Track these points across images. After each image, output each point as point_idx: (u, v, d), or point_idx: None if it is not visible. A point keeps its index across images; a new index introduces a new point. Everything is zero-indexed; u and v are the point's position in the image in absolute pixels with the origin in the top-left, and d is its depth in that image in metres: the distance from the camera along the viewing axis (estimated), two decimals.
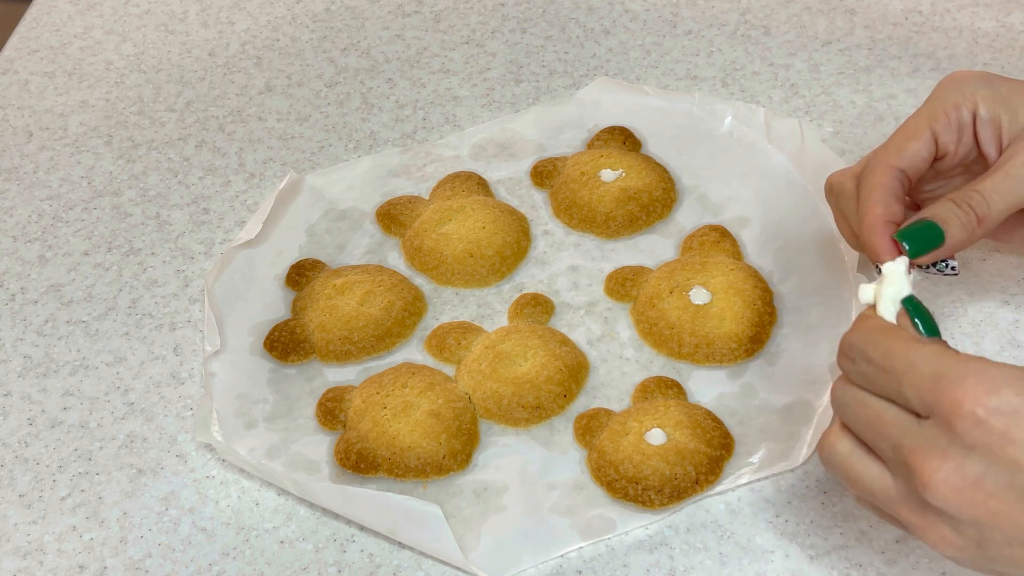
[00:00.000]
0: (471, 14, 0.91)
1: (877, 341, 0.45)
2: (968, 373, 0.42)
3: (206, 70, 0.89)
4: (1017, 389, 0.41)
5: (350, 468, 0.60)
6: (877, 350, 0.45)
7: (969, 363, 0.43)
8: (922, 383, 0.43)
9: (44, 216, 0.78)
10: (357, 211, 0.75)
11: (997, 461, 0.41)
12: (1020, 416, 0.41)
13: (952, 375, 0.42)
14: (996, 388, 0.41)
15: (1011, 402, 0.41)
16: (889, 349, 0.45)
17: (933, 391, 0.43)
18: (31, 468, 0.63)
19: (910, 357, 0.44)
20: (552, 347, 0.65)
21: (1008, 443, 0.41)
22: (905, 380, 0.44)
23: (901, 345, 0.45)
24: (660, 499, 0.58)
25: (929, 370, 0.43)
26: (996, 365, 0.42)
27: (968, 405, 0.41)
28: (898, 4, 0.89)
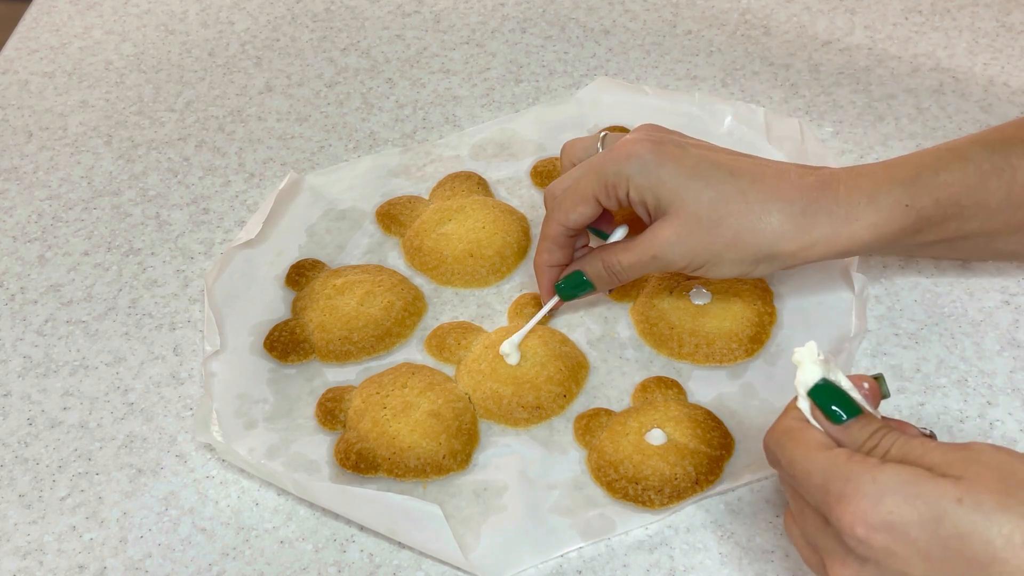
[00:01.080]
0: (471, 14, 0.91)
1: (782, 445, 0.47)
2: (848, 489, 0.43)
3: (206, 70, 0.88)
4: (891, 506, 0.42)
5: (350, 468, 0.60)
6: (783, 455, 0.47)
7: (851, 475, 0.44)
8: (815, 493, 0.45)
9: (44, 216, 0.78)
10: (357, 211, 0.75)
11: (887, 571, 0.43)
12: (896, 531, 0.42)
13: (835, 491, 0.44)
14: (873, 504, 0.42)
15: (886, 519, 0.42)
16: (791, 456, 0.47)
17: (823, 504, 0.44)
18: (31, 468, 0.63)
19: (805, 467, 0.46)
20: (552, 347, 0.65)
21: (891, 557, 0.42)
22: (804, 488, 0.46)
23: (800, 452, 0.46)
24: (660, 499, 0.58)
25: (819, 481, 0.45)
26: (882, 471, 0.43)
27: (848, 524, 0.43)
28: (897, 4, 0.89)
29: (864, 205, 0.58)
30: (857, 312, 0.65)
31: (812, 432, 0.47)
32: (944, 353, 0.64)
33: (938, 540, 0.41)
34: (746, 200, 0.58)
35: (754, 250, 0.59)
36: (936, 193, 0.58)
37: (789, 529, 0.49)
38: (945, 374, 0.63)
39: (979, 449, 0.43)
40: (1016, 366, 0.63)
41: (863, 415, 0.47)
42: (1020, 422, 0.60)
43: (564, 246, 0.64)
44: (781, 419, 0.49)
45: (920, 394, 0.62)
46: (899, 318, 0.66)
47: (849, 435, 0.47)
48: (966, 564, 0.41)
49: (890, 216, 0.58)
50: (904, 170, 0.59)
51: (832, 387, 0.48)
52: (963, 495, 0.41)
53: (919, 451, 0.44)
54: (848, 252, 0.59)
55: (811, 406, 0.48)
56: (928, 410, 0.61)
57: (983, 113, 0.78)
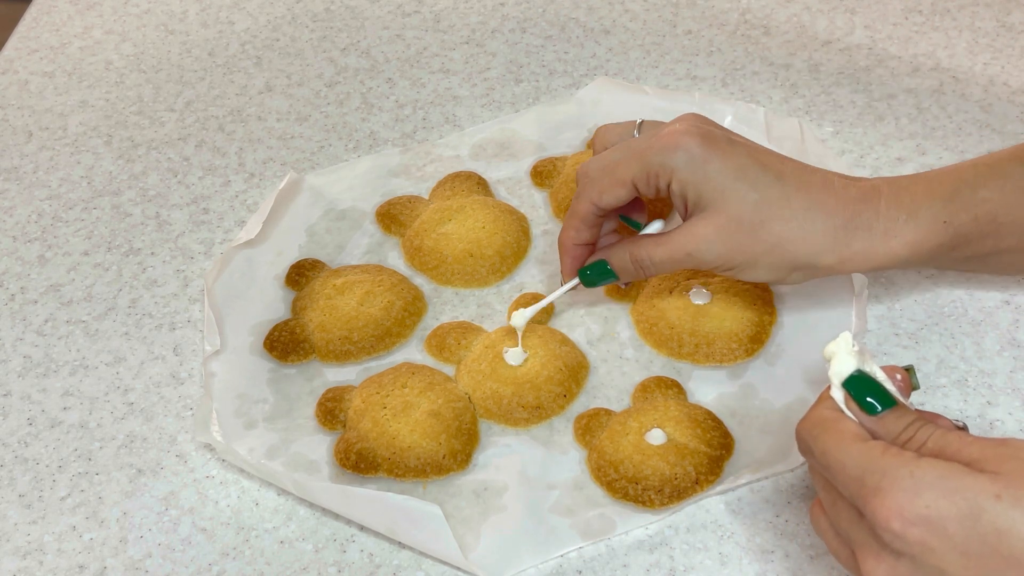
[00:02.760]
0: (471, 14, 0.91)
1: (816, 436, 0.47)
2: (885, 482, 0.43)
3: (206, 70, 0.88)
4: (929, 500, 0.42)
5: (350, 468, 0.60)
6: (816, 446, 0.47)
7: (888, 468, 0.43)
8: (850, 486, 0.45)
9: (44, 216, 0.78)
10: (357, 211, 0.75)
11: (922, 566, 0.43)
12: (934, 525, 0.42)
13: (871, 483, 0.44)
14: (911, 499, 0.42)
15: (923, 513, 0.42)
16: (825, 446, 0.46)
17: (858, 496, 0.44)
18: (31, 468, 0.63)
19: (840, 458, 0.45)
20: (552, 347, 0.65)
21: (928, 552, 0.42)
22: (838, 480, 0.46)
23: (834, 443, 0.46)
24: (660, 499, 0.58)
25: (854, 473, 0.45)
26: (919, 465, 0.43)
27: (883, 517, 0.43)
28: (898, 4, 0.89)
29: (903, 221, 0.58)
30: (857, 312, 0.65)
31: (847, 423, 0.47)
32: (944, 353, 0.64)
33: (976, 536, 0.41)
34: (790, 207, 0.58)
35: (791, 258, 0.58)
36: (975, 210, 0.58)
37: (817, 521, 0.48)
38: (945, 374, 0.63)
39: (1017, 445, 0.43)
40: (1016, 366, 0.63)
41: (898, 406, 0.47)
42: (1020, 422, 0.60)
43: (592, 226, 0.62)
44: (815, 409, 0.48)
45: (920, 394, 0.62)
46: (899, 318, 0.66)
47: (884, 426, 0.46)
48: (1003, 561, 0.41)
49: (928, 233, 0.58)
50: (944, 186, 0.59)
51: (867, 378, 0.47)
52: (1002, 491, 0.41)
53: (956, 445, 0.44)
54: (884, 267, 0.59)
55: (845, 397, 0.48)
56: (928, 410, 0.61)
57: (983, 113, 0.78)
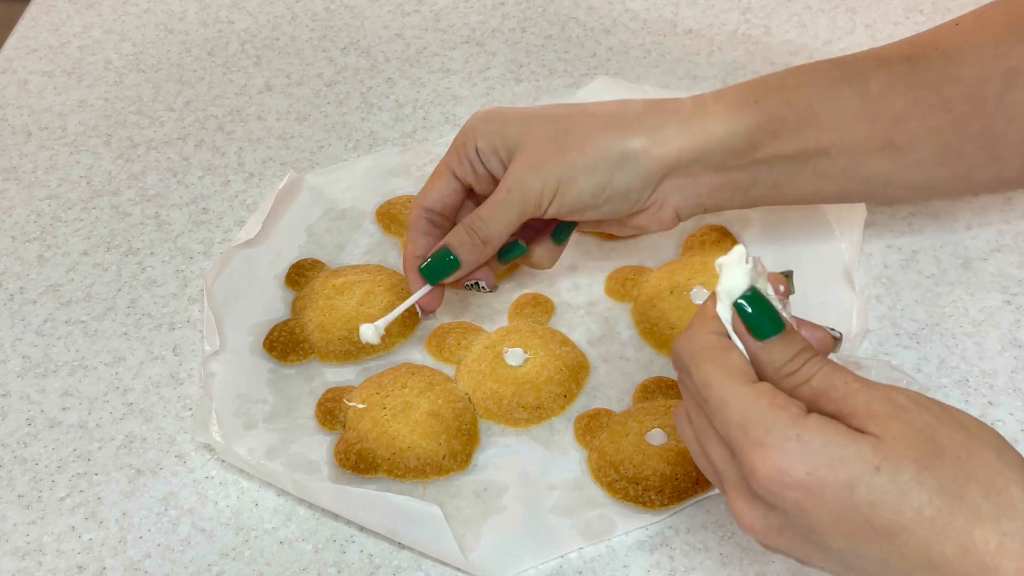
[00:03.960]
0: (471, 13, 0.91)
1: (699, 364, 0.45)
2: (769, 439, 0.42)
3: (205, 69, 0.88)
4: (810, 466, 0.41)
5: (350, 468, 0.60)
6: (698, 373, 0.45)
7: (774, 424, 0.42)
8: (729, 428, 0.43)
9: (43, 216, 0.78)
10: (357, 211, 0.75)
11: (794, 524, 0.42)
12: (811, 491, 0.41)
13: (754, 435, 0.42)
14: (792, 462, 0.41)
15: (802, 479, 0.41)
16: (708, 378, 0.44)
17: (736, 442, 0.43)
18: (30, 468, 0.63)
19: (723, 395, 0.43)
20: (552, 347, 0.64)
21: (801, 512, 0.42)
22: (716, 417, 0.44)
23: (719, 378, 0.44)
24: (660, 499, 0.58)
25: (736, 418, 0.43)
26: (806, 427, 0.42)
27: (763, 475, 0.42)
28: (899, 3, 0.88)
29: (711, 102, 0.58)
30: (858, 312, 0.65)
31: (733, 355, 0.45)
32: (945, 353, 0.64)
33: (850, 505, 0.41)
34: (587, 111, 0.59)
35: (604, 151, 0.58)
36: (785, 93, 0.58)
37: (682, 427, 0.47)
38: (946, 374, 0.63)
39: (902, 405, 0.42)
40: (1017, 366, 0.63)
41: (786, 331, 0.45)
42: (1021, 422, 0.60)
43: (428, 233, 0.62)
44: (698, 328, 0.46)
45: None
46: (900, 318, 0.66)
47: (770, 354, 0.45)
48: (874, 531, 0.41)
49: (740, 110, 0.57)
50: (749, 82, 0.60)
51: (761, 298, 0.45)
52: (881, 462, 0.41)
53: (842, 389, 0.43)
54: (705, 150, 0.58)
55: (733, 316, 0.45)
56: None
57: None
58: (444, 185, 0.61)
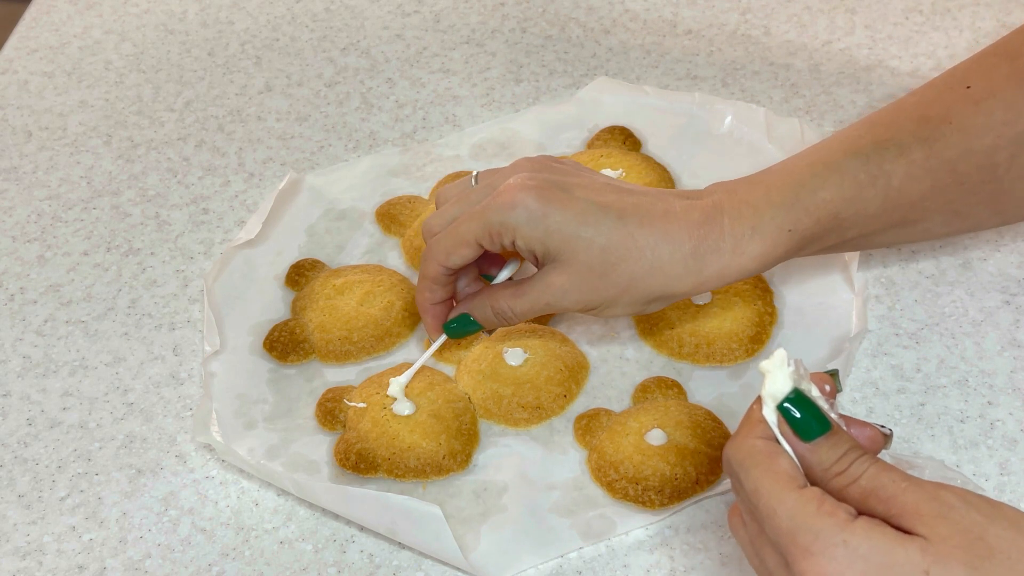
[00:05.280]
0: (471, 14, 0.91)
1: (748, 471, 0.45)
2: (817, 546, 0.42)
3: (205, 70, 0.88)
4: (860, 570, 0.41)
5: (350, 468, 0.60)
6: (748, 480, 0.45)
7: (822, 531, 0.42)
8: (779, 535, 0.43)
9: (43, 216, 0.78)
10: (357, 211, 0.75)
11: None
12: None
13: (802, 543, 0.42)
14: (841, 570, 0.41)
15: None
16: (757, 485, 0.44)
17: (786, 550, 0.43)
18: (30, 468, 0.63)
19: (772, 503, 0.44)
20: (552, 347, 0.64)
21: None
22: (767, 524, 0.44)
23: (767, 484, 0.44)
24: (660, 499, 0.58)
25: (786, 524, 0.43)
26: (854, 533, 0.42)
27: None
28: (898, 4, 0.88)
29: (748, 237, 0.58)
30: (858, 312, 0.65)
31: (781, 461, 0.45)
32: (945, 353, 0.64)
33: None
34: (637, 246, 0.58)
35: (647, 293, 0.58)
36: (816, 213, 0.59)
37: (737, 530, 0.47)
38: (946, 374, 0.63)
39: (949, 503, 0.42)
40: (1017, 366, 0.63)
41: (833, 432, 0.45)
42: (1021, 422, 0.60)
43: (445, 284, 0.62)
44: (745, 434, 0.46)
45: (921, 394, 0.62)
46: (900, 318, 0.66)
47: (817, 455, 0.45)
48: None
49: (775, 243, 0.58)
50: (783, 193, 0.59)
51: (805, 400, 0.45)
52: (931, 566, 0.40)
53: (890, 489, 0.43)
54: (738, 279, 0.59)
55: (779, 419, 0.45)
56: (929, 410, 0.61)
57: None
58: (469, 253, 0.60)
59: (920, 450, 0.59)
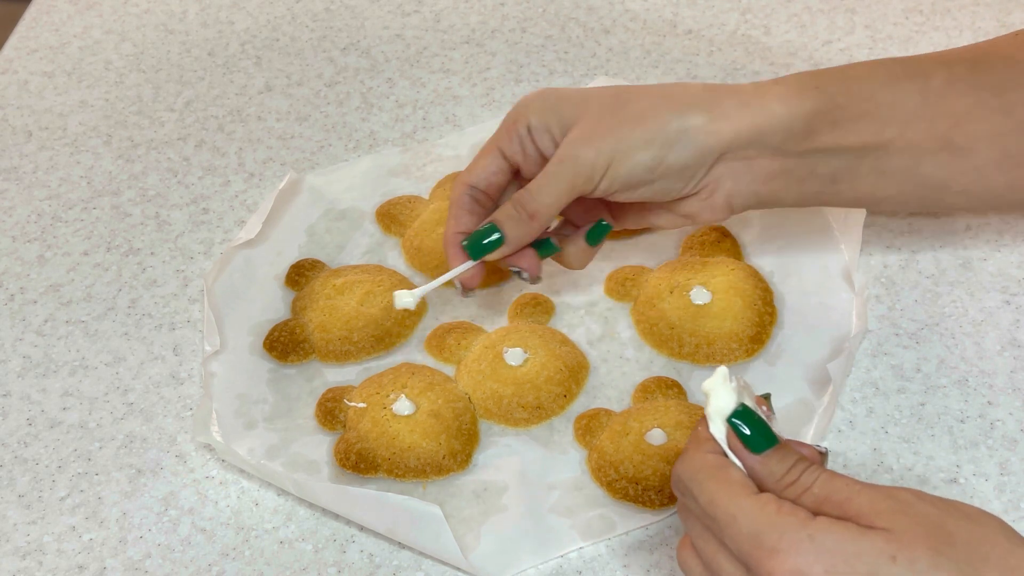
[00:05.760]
0: (471, 14, 0.91)
1: (702, 483, 0.45)
2: (782, 543, 0.42)
3: (205, 70, 0.88)
4: (827, 564, 0.41)
5: (350, 468, 0.60)
6: (702, 493, 0.45)
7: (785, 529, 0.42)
8: (740, 541, 0.43)
9: (43, 216, 0.78)
10: (357, 211, 0.75)
11: None
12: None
13: (767, 543, 0.42)
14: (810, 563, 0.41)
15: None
16: (712, 496, 0.45)
17: (751, 555, 0.43)
18: (30, 468, 0.63)
19: (730, 510, 0.44)
20: (552, 347, 0.64)
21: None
22: (726, 533, 0.44)
23: (723, 494, 0.44)
24: (660, 499, 0.58)
25: (747, 529, 0.43)
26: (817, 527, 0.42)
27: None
28: (898, 4, 0.89)
29: (771, 85, 0.58)
30: (858, 312, 0.65)
31: (733, 471, 0.45)
32: (945, 353, 0.64)
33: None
34: (648, 91, 0.57)
35: (661, 125, 0.56)
36: (847, 83, 0.57)
37: (688, 563, 0.47)
38: (946, 374, 0.63)
39: (905, 500, 0.43)
40: (1017, 366, 0.63)
41: (780, 445, 0.46)
42: (1020, 422, 0.60)
43: (472, 211, 0.59)
44: (694, 451, 0.47)
45: (921, 394, 0.62)
46: (900, 318, 0.66)
47: (768, 467, 0.45)
48: None
49: (800, 94, 0.57)
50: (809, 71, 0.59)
51: (752, 414, 0.46)
52: (896, 552, 0.41)
53: (844, 492, 0.43)
54: (764, 130, 0.57)
55: (728, 434, 0.46)
56: (929, 410, 0.61)
57: None
58: (490, 163, 0.58)
59: (920, 450, 0.59)
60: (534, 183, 0.58)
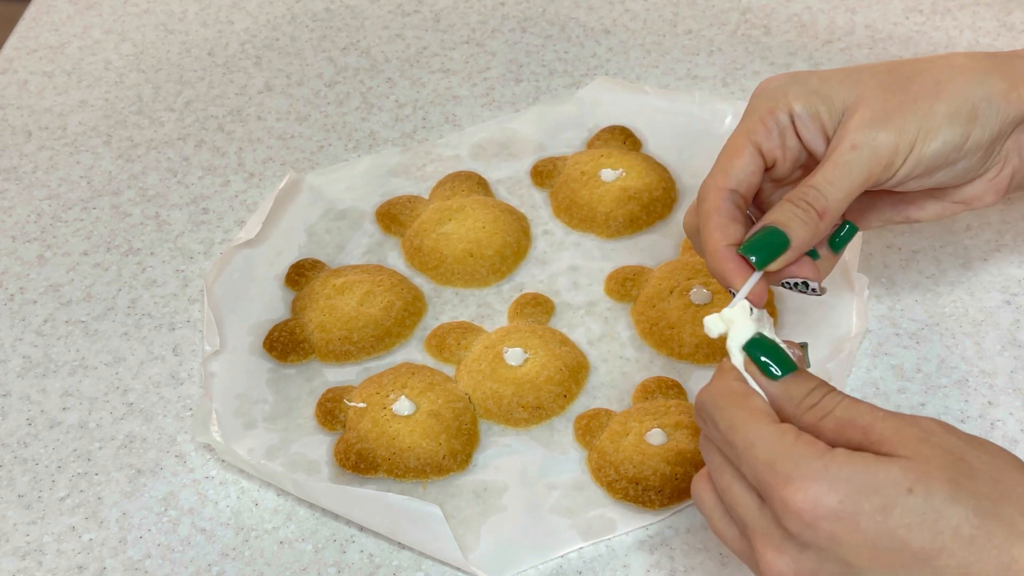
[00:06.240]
0: (471, 13, 0.91)
1: (723, 408, 0.45)
2: (798, 471, 0.41)
3: (205, 69, 0.88)
4: (842, 494, 0.41)
5: (350, 468, 0.60)
6: (723, 419, 0.45)
7: (802, 457, 0.42)
8: (757, 468, 0.43)
9: (43, 216, 0.78)
10: (357, 211, 0.75)
11: (828, 559, 0.42)
12: (846, 520, 0.41)
13: (783, 470, 0.42)
14: (824, 492, 0.41)
15: (836, 508, 0.41)
16: (732, 421, 0.44)
17: (765, 483, 0.42)
18: (30, 468, 0.63)
19: (749, 436, 0.43)
20: (552, 347, 0.64)
21: (836, 545, 0.41)
22: (744, 459, 0.44)
23: (743, 419, 0.44)
24: (660, 499, 0.58)
25: (764, 456, 0.43)
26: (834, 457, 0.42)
27: (795, 508, 0.41)
28: (898, 4, 0.88)
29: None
30: (858, 312, 0.65)
31: (756, 399, 0.45)
32: (945, 353, 0.64)
33: (886, 531, 0.40)
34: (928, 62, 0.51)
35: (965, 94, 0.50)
36: None
37: (701, 495, 0.46)
38: (946, 374, 0.63)
39: (929, 428, 0.42)
40: (1017, 366, 0.63)
41: (799, 372, 0.45)
42: (1021, 422, 0.60)
43: (735, 218, 0.51)
44: (719, 379, 0.46)
45: (921, 394, 0.62)
46: (900, 318, 0.66)
47: (788, 392, 0.45)
48: (912, 556, 0.40)
49: None
50: None
51: (767, 342, 0.46)
52: (914, 484, 0.40)
53: (868, 418, 0.43)
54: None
55: (746, 361, 0.46)
56: (929, 410, 0.61)
57: None
58: (748, 163, 0.51)
59: None
60: (821, 176, 0.50)
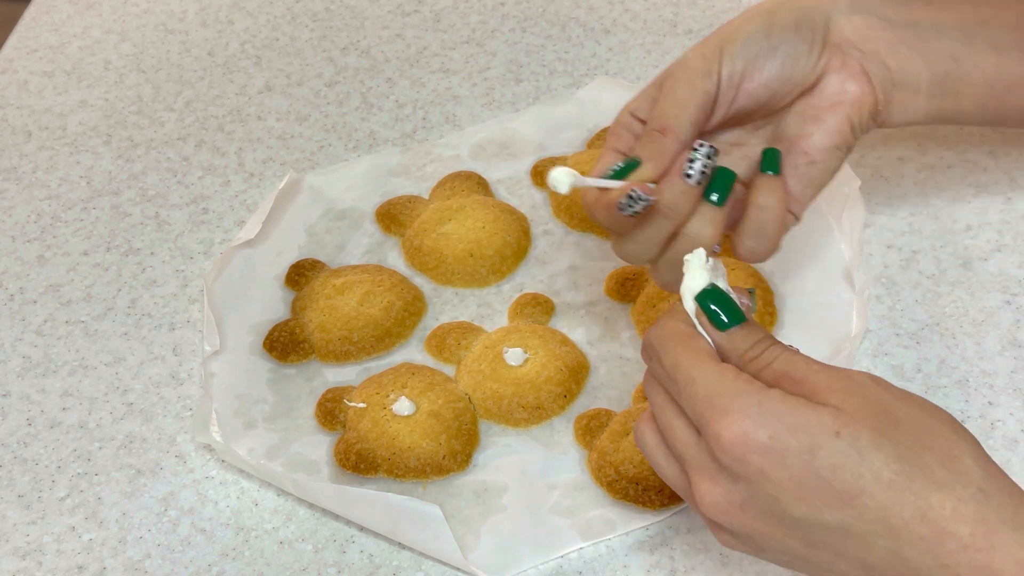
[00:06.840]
0: (471, 13, 0.91)
1: (669, 347, 0.47)
2: (733, 406, 0.44)
3: (205, 69, 0.88)
4: (772, 431, 0.43)
5: (350, 468, 0.60)
6: (668, 357, 0.47)
7: (738, 394, 0.44)
8: (695, 402, 0.45)
9: (43, 216, 0.78)
10: (357, 211, 0.75)
11: (757, 493, 0.43)
12: (774, 455, 0.43)
13: (719, 404, 0.44)
14: (755, 427, 0.43)
15: (765, 443, 0.43)
16: (676, 359, 0.47)
17: (702, 416, 0.45)
18: (30, 468, 0.63)
19: (691, 372, 0.46)
20: (552, 347, 0.64)
21: (764, 480, 0.43)
22: (684, 394, 0.46)
23: (687, 357, 0.46)
24: (661, 499, 0.58)
25: (703, 391, 0.45)
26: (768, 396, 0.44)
27: (727, 441, 0.43)
28: None
29: None
30: (858, 312, 0.65)
31: (700, 340, 0.47)
32: (945, 353, 0.64)
33: (811, 470, 0.42)
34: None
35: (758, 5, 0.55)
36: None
37: (643, 435, 0.49)
38: (946, 374, 0.63)
39: (862, 382, 0.44)
40: (1017, 366, 0.63)
41: (747, 323, 0.47)
42: (1021, 422, 0.60)
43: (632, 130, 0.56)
44: (668, 320, 0.49)
45: (921, 394, 0.62)
46: (900, 318, 0.66)
47: (732, 342, 0.47)
48: (834, 495, 0.42)
49: None
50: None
51: (719, 292, 0.48)
52: (841, 428, 0.42)
53: (803, 371, 0.45)
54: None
55: (697, 310, 0.48)
56: None
57: None
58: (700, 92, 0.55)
59: None
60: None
